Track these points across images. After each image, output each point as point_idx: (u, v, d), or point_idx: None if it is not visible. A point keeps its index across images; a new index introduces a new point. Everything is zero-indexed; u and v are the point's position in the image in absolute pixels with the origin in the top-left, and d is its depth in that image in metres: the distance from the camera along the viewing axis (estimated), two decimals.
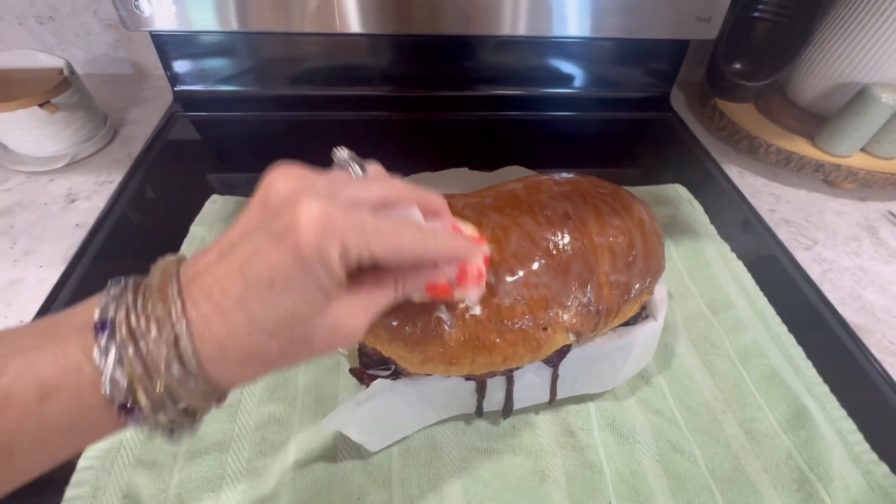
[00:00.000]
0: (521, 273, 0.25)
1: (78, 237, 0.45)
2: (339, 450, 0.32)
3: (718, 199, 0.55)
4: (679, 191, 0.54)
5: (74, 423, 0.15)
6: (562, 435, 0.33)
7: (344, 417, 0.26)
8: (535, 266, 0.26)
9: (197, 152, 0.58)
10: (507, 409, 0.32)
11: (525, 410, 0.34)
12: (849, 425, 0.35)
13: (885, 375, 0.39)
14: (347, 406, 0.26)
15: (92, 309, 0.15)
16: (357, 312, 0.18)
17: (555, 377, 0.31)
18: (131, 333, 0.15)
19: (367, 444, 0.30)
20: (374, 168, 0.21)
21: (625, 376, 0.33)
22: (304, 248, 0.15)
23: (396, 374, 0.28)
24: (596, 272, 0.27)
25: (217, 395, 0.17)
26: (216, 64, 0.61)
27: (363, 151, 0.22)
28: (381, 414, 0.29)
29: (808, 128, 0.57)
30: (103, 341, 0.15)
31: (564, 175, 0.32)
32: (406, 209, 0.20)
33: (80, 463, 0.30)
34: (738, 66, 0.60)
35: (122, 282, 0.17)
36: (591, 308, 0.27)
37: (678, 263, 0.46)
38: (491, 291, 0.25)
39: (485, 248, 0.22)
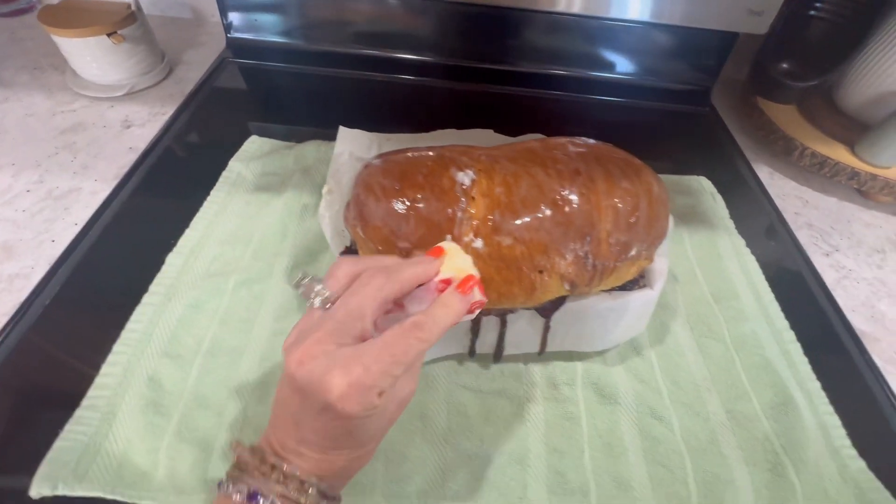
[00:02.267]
0: (525, 218, 0.27)
1: (130, 158, 0.49)
2: None
3: (743, 196, 0.54)
4: (703, 183, 0.54)
5: None
6: (547, 387, 0.35)
7: None
8: (539, 213, 0.27)
9: (242, 97, 0.62)
10: (498, 353, 0.34)
11: (514, 360, 0.36)
12: (834, 420, 0.35)
13: (884, 382, 0.39)
14: None
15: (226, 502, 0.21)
16: (409, 381, 0.22)
17: (546, 328, 0.32)
18: (279, 493, 0.20)
19: None
20: (341, 272, 0.22)
21: (615, 339, 0.35)
22: (352, 414, 0.19)
23: None
24: (597, 228, 0.28)
25: (339, 492, 0.23)
26: (268, 15, 0.64)
27: (397, 115, 0.23)
28: None
29: (851, 135, 0.56)
30: (266, 501, 0.20)
31: (583, 139, 0.33)
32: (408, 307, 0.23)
33: (115, 348, 0.34)
34: (785, 64, 0.58)
35: (229, 475, 0.22)
36: (587, 261, 0.28)
37: (689, 251, 0.46)
38: (495, 230, 0.27)
39: (468, 270, 0.23)
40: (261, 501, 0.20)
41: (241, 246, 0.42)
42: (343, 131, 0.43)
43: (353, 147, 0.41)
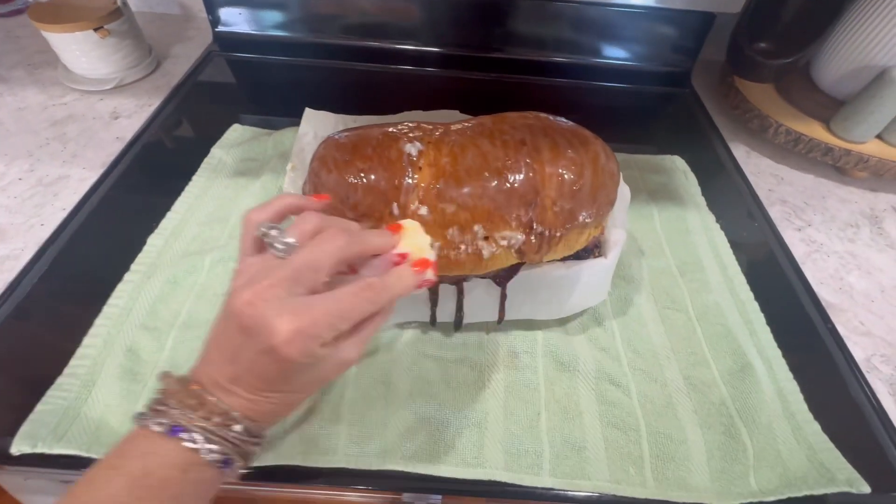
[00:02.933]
0: (469, 185, 0.28)
1: (117, 148, 0.51)
2: None
3: (718, 174, 0.55)
4: (676, 162, 0.54)
5: (199, 483, 0.22)
6: (507, 355, 0.36)
7: None
8: (483, 181, 0.28)
9: (227, 88, 0.64)
10: (458, 321, 0.35)
11: (476, 330, 0.37)
12: (792, 386, 0.36)
13: (845, 349, 0.39)
14: None
15: (144, 434, 0.21)
16: (354, 347, 0.23)
17: (503, 297, 0.34)
18: (200, 427, 0.21)
19: None
20: (308, 225, 0.23)
21: (571, 308, 0.36)
22: (294, 358, 0.20)
23: None
24: (541, 195, 0.29)
25: (264, 432, 0.24)
26: (253, 9, 0.66)
27: (378, 103, 0.23)
28: None
29: (827, 112, 0.56)
30: (187, 436, 0.21)
31: (535, 113, 0.34)
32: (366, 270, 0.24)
33: (97, 321, 0.36)
34: (759, 42, 0.58)
35: (150, 407, 0.22)
36: (533, 228, 0.29)
37: (658, 227, 0.47)
38: (439, 197, 0.28)
39: (425, 248, 0.24)
40: (182, 436, 0.20)
41: (219, 226, 0.43)
42: (309, 112, 0.44)
43: (317, 127, 0.42)
